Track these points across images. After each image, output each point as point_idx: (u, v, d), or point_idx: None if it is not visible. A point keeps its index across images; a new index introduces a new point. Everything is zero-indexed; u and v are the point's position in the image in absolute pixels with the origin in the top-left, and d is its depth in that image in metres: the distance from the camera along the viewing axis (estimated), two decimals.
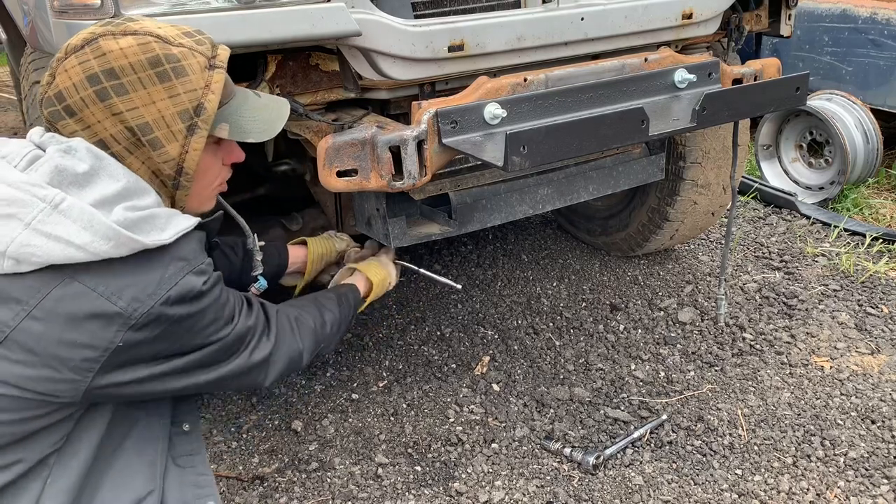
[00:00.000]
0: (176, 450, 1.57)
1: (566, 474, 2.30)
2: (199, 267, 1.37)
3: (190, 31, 1.43)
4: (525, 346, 2.90)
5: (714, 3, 2.34)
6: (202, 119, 1.39)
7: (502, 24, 2.00)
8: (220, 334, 1.43)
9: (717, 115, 2.11)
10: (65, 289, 1.27)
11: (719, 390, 2.64)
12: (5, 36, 2.81)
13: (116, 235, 1.26)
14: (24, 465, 1.36)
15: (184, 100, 1.37)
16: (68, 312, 1.27)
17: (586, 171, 2.53)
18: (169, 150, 1.37)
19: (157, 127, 1.35)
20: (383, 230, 2.19)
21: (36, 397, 1.31)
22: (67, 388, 1.31)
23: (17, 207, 1.26)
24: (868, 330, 2.96)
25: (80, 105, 1.33)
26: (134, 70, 1.33)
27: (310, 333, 1.71)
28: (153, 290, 1.30)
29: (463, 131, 1.81)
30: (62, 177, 1.29)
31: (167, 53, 1.36)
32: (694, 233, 3.29)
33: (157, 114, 1.35)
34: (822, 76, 4.49)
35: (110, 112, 1.33)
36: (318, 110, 2.02)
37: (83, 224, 1.25)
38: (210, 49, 1.42)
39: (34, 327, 1.27)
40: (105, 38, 1.34)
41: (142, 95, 1.34)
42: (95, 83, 1.32)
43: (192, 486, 1.56)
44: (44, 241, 1.25)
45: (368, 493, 2.25)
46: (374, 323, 3.06)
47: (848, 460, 2.31)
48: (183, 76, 1.36)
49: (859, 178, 4.16)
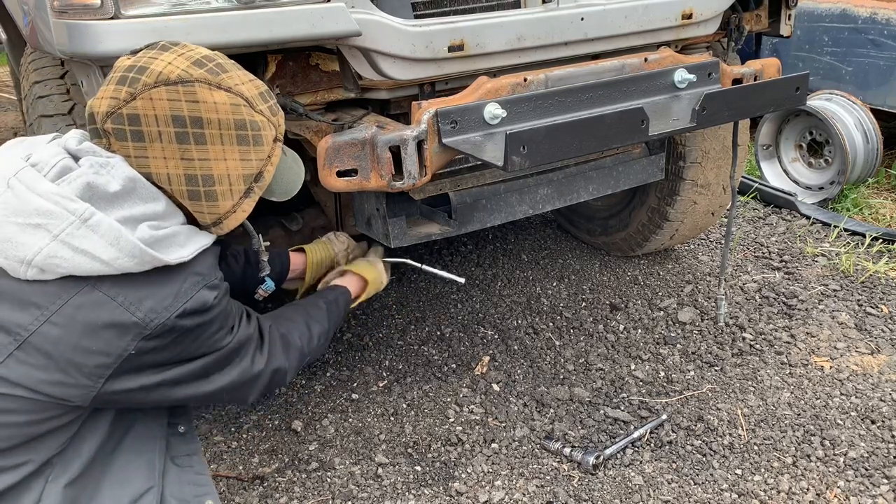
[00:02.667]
0: (174, 450, 1.61)
1: (566, 474, 2.30)
2: (212, 282, 1.43)
3: (265, 93, 1.49)
4: (525, 346, 2.90)
5: (714, 3, 2.34)
6: (259, 185, 1.48)
7: (502, 24, 2.00)
8: (223, 342, 1.48)
9: (717, 115, 2.11)
10: (85, 297, 1.31)
11: (719, 390, 2.64)
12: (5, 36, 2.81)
13: (141, 254, 1.31)
14: (32, 465, 1.39)
15: (253, 166, 1.44)
16: (87, 320, 1.31)
17: (586, 171, 2.53)
18: (221, 206, 1.43)
19: (220, 182, 1.41)
20: (383, 230, 2.19)
21: (48, 400, 1.34)
22: (79, 393, 1.34)
23: (47, 218, 1.29)
24: (868, 330, 2.96)
25: (153, 136, 1.36)
26: (220, 126, 1.39)
27: (296, 352, 1.74)
28: (170, 303, 1.35)
29: (463, 131, 1.81)
30: (93, 193, 1.32)
31: (251, 120, 1.43)
32: (694, 233, 3.29)
33: (225, 171, 1.41)
34: (822, 76, 4.49)
35: (181, 155, 1.37)
36: (318, 110, 2.02)
37: (110, 240, 1.29)
38: (278, 120, 1.50)
39: (52, 332, 1.30)
40: (201, 86, 1.37)
41: (218, 150, 1.39)
42: (179, 125, 1.36)
43: (190, 484, 1.60)
44: (71, 254, 1.29)
45: (368, 493, 2.25)
46: (374, 323, 3.06)
47: (848, 460, 2.31)
48: (258, 145, 1.44)
49: (859, 178, 4.16)
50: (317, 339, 1.83)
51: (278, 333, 1.70)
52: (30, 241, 1.29)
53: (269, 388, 1.66)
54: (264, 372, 1.61)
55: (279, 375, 1.66)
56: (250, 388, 1.61)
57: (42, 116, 2.05)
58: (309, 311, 1.89)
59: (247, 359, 1.56)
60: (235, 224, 1.48)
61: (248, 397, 1.62)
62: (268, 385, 1.64)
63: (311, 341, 1.80)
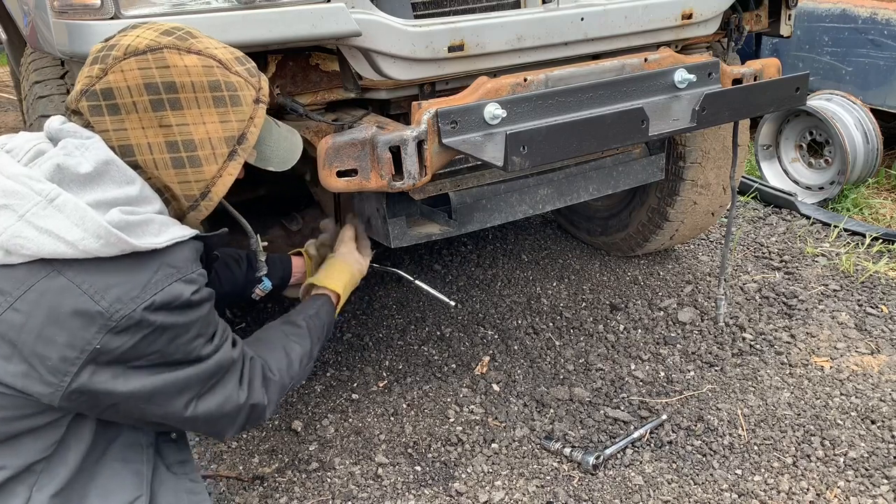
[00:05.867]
0: (168, 458, 1.57)
1: (566, 474, 2.30)
2: (189, 276, 1.36)
3: (241, 58, 1.48)
4: (525, 346, 2.90)
5: (714, 3, 2.34)
6: (243, 147, 1.44)
7: (502, 25, 2.00)
8: (201, 351, 1.40)
9: (717, 115, 2.11)
10: (50, 282, 1.27)
11: (719, 390, 2.64)
12: (5, 36, 2.81)
13: (107, 234, 1.26)
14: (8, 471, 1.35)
15: (233, 127, 1.42)
16: (50, 306, 1.26)
17: (586, 171, 2.53)
18: (206, 171, 1.41)
19: (202, 146, 1.39)
20: (383, 230, 2.19)
21: (16, 395, 1.29)
22: (46, 391, 1.29)
23: (13, 199, 1.26)
24: (868, 330, 2.96)
25: (128, 107, 1.34)
26: (194, 89, 1.37)
27: (276, 386, 1.64)
28: (138, 294, 1.29)
29: (463, 131, 1.81)
30: (63, 174, 1.29)
31: (227, 81, 1.41)
32: (694, 233, 3.29)
33: (206, 134, 1.39)
34: (822, 76, 4.50)
35: (158, 123, 1.35)
36: (318, 110, 2.02)
37: (75, 220, 1.25)
38: (258, 82, 1.48)
39: (16, 319, 1.26)
40: (170, 51, 1.36)
41: (195, 114, 1.37)
42: (153, 92, 1.34)
43: (186, 492, 1.56)
44: (35, 234, 1.25)
45: (368, 493, 2.25)
46: (374, 323, 3.06)
47: (848, 460, 2.31)
48: (236, 105, 1.42)
49: (859, 178, 4.16)
50: (297, 363, 1.73)
51: (259, 365, 1.61)
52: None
53: (246, 425, 1.57)
54: (244, 406, 1.53)
55: (257, 411, 1.57)
56: (230, 421, 1.53)
57: (42, 116, 2.05)
58: (287, 333, 1.79)
59: (231, 384, 1.49)
60: (223, 191, 1.43)
61: (225, 431, 1.54)
62: (246, 421, 1.56)
63: (290, 368, 1.71)
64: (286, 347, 1.74)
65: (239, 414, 1.53)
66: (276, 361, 1.68)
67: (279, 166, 1.57)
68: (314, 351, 1.82)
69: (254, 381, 1.57)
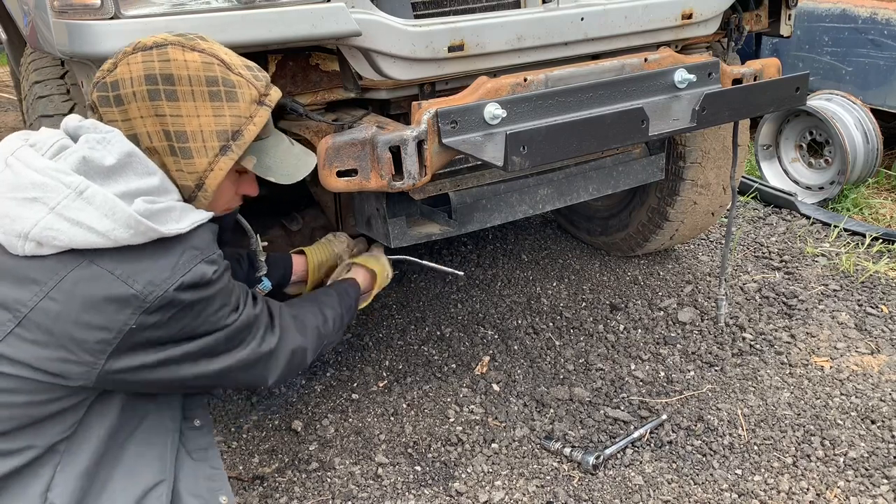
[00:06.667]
0: (190, 444, 1.62)
1: (566, 474, 2.30)
2: (210, 256, 1.43)
3: (251, 66, 1.51)
4: (525, 346, 2.90)
5: (714, 3, 2.34)
6: (237, 144, 1.46)
7: (502, 24, 2.00)
8: (227, 321, 1.48)
9: (717, 115, 2.11)
10: (83, 271, 1.32)
11: (719, 390, 2.64)
12: (5, 36, 2.81)
13: (136, 224, 1.32)
14: (35, 451, 1.39)
15: (226, 122, 1.44)
16: (85, 294, 1.32)
17: (586, 171, 2.53)
18: (196, 163, 1.44)
19: (193, 139, 1.42)
20: (383, 230, 2.20)
21: (49, 379, 1.34)
22: (81, 371, 1.35)
23: (43, 192, 1.31)
24: (868, 330, 2.96)
25: (129, 97, 1.40)
26: (190, 82, 1.41)
27: (313, 331, 1.75)
28: (168, 276, 1.35)
29: (463, 131, 1.81)
30: (88, 167, 1.35)
31: (225, 78, 1.44)
32: (694, 233, 3.29)
33: (198, 127, 1.42)
34: (822, 76, 4.50)
35: (154, 112, 1.40)
36: (318, 110, 2.02)
37: (105, 211, 1.31)
38: (264, 87, 1.50)
39: (51, 308, 1.31)
40: (174, 47, 1.42)
41: (189, 107, 1.41)
42: (151, 83, 1.39)
43: (205, 479, 1.61)
44: (67, 226, 1.30)
45: (368, 493, 2.25)
46: (374, 323, 3.06)
47: (848, 460, 2.31)
48: (232, 101, 1.44)
49: (859, 178, 4.16)
50: (332, 322, 1.83)
51: (290, 314, 1.70)
52: (26, 214, 1.31)
53: (289, 369, 1.65)
54: (278, 351, 1.61)
55: (298, 355, 1.67)
56: (266, 369, 1.60)
57: (42, 116, 2.05)
58: (320, 297, 1.90)
59: (255, 339, 1.56)
60: (216, 184, 1.46)
61: (266, 378, 1.61)
62: (287, 365, 1.64)
63: (326, 323, 1.81)
64: (320, 307, 1.84)
65: (273, 359, 1.60)
66: (310, 313, 1.78)
67: (281, 179, 1.60)
68: (345, 319, 1.92)
69: (286, 328, 1.65)
